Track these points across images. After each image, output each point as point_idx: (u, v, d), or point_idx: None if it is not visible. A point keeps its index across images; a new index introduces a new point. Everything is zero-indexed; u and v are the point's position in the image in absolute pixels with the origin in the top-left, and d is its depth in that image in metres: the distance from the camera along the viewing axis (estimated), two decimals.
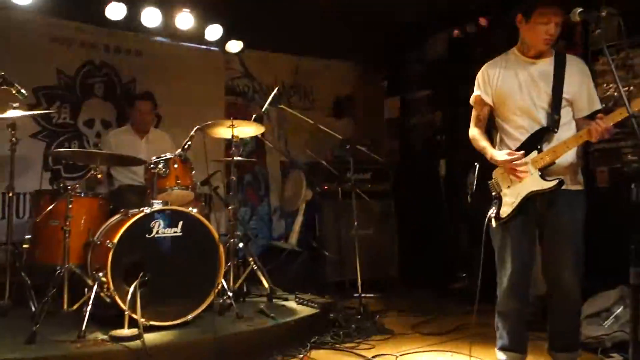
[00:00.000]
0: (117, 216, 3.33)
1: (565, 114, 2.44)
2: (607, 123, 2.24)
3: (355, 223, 3.99)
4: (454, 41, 5.15)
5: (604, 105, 2.44)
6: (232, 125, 3.64)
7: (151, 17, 4.69)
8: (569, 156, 2.41)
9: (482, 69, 2.65)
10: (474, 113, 2.69)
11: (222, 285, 3.30)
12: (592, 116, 2.40)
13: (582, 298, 2.58)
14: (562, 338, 2.53)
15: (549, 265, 2.48)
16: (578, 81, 2.44)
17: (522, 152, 2.42)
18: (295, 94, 5.91)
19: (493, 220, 2.49)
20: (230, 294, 3.35)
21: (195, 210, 3.28)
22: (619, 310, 3.12)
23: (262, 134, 4.25)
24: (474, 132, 2.66)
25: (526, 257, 2.49)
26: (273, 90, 4.10)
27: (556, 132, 2.40)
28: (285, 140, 5.75)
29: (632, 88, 3.72)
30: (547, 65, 2.47)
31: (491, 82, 2.58)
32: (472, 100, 2.69)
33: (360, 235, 4.05)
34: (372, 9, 5.04)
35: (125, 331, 2.72)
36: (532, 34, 2.45)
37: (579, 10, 2.23)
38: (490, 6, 4.67)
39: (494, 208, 2.49)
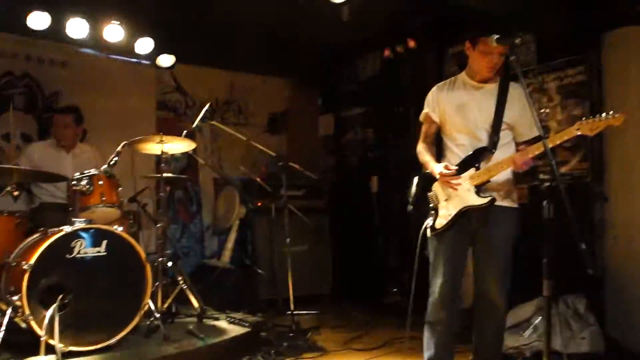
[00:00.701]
0: (35, 235, 3.14)
1: (505, 136, 2.59)
2: (526, 155, 2.42)
3: (288, 240, 3.99)
4: (385, 61, 5.30)
5: (545, 133, 2.60)
6: (162, 140, 3.56)
7: (77, 28, 4.51)
8: (503, 175, 2.55)
9: (432, 89, 2.79)
10: (422, 129, 2.81)
11: (149, 307, 3.19)
12: (531, 141, 2.56)
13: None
14: (486, 350, 2.65)
15: (478, 278, 2.60)
16: (519, 107, 2.58)
17: (456, 167, 2.56)
18: (230, 109, 5.86)
19: (429, 231, 2.60)
20: (158, 315, 3.24)
21: (120, 228, 3.16)
22: (537, 321, 3.28)
23: (194, 150, 4.18)
24: (420, 147, 2.79)
25: (457, 268, 2.60)
26: (205, 106, 4.05)
27: (494, 152, 2.54)
28: (218, 156, 5.68)
29: (547, 110, 3.98)
30: (491, 90, 2.62)
31: (439, 102, 2.72)
32: (421, 117, 2.82)
33: (294, 252, 4.04)
34: (304, 30, 5.12)
35: (42, 358, 2.57)
36: (477, 62, 2.61)
37: (496, 37, 2.36)
38: (419, 29, 4.86)
39: (430, 219, 2.60)
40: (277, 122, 6.16)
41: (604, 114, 2.23)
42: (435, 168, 2.62)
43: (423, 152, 2.76)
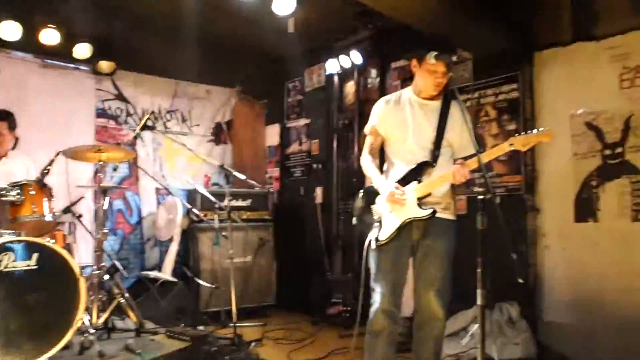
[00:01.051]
0: None
1: (445, 152, 2.70)
2: (464, 169, 2.52)
3: (231, 251, 3.94)
4: (330, 73, 5.35)
5: (481, 147, 2.70)
6: (100, 149, 3.44)
7: (10, 30, 4.32)
8: (443, 188, 2.66)
9: (379, 102, 2.85)
10: (368, 141, 2.86)
11: (83, 322, 3.06)
12: (468, 157, 2.64)
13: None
14: (425, 358, 2.70)
15: (417, 287, 2.68)
16: (459, 126, 2.69)
17: (403, 188, 2.64)
18: (173, 118, 5.74)
19: (373, 243, 2.66)
20: (92, 331, 3.11)
21: (53, 241, 3.03)
22: (474, 329, 3.38)
23: (135, 159, 4.07)
24: (366, 160, 2.82)
25: (399, 278, 2.67)
26: (147, 115, 3.96)
27: (434, 166, 2.64)
28: (160, 165, 5.55)
29: (485, 125, 4.14)
30: (435, 107, 2.72)
31: (385, 115, 2.79)
32: (367, 129, 2.86)
33: (237, 263, 4.01)
34: (250, 40, 5.12)
35: None
36: (423, 79, 2.69)
37: (434, 54, 2.45)
38: (363, 43, 4.95)
39: (375, 231, 2.66)
40: (222, 132, 6.09)
41: (535, 130, 2.35)
42: (385, 187, 2.67)
43: (369, 166, 2.80)
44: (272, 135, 6.19)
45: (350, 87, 5.27)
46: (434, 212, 2.59)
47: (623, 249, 3.46)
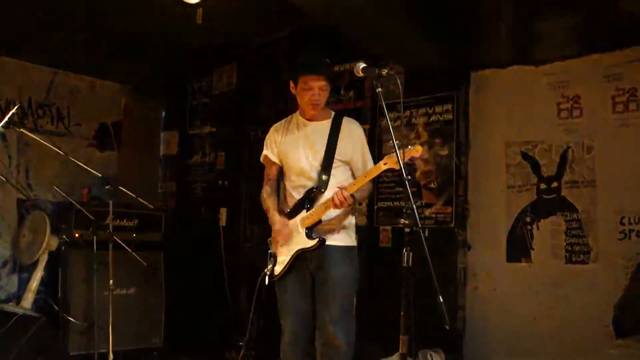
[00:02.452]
0: None
1: (339, 174, 2.90)
2: (343, 193, 2.71)
3: (111, 281, 3.82)
4: (243, 75, 5.38)
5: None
6: None
7: None
8: (335, 215, 2.86)
9: (270, 130, 3.12)
10: (265, 172, 3.12)
11: None
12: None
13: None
14: None
15: (317, 318, 2.90)
16: (352, 143, 2.95)
17: (289, 221, 2.91)
18: (46, 115, 5.48)
19: (267, 278, 2.91)
20: None
21: None
22: None
23: None
24: (263, 191, 3.07)
25: (304, 309, 2.93)
26: (12, 108, 3.77)
27: (323, 192, 2.85)
28: (26, 172, 5.28)
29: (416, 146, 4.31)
30: (323, 126, 2.95)
31: (276, 142, 3.04)
32: (262, 159, 3.13)
33: (118, 295, 3.90)
34: (150, 28, 5.03)
35: None
36: (300, 99, 2.94)
37: (362, 66, 2.54)
38: (284, 42, 5.03)
39: (270, 265, 2.93)
40: (108, 135, 5.90)
41: (408, 147, 2.54)
42: (274, 223, 2.93)
43: (265, 198, 3.03)
44: (169, 143, 6.09)
45: (266, 92, 5.31)
46: (322, 240, 2.81)
47: (555, 291, 3.72)
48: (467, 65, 4.22)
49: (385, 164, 2.64)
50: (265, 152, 3.08)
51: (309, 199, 2.88)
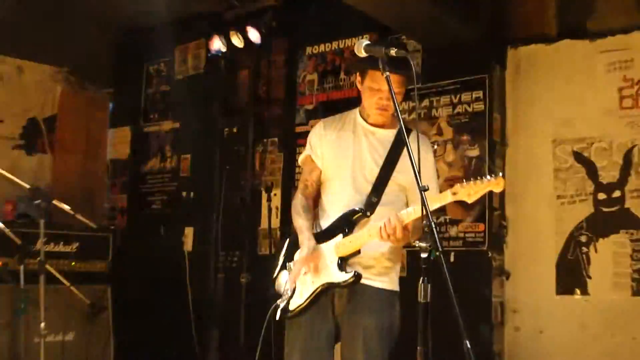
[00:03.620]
0: None
1: (392, 199, 2.85)
2: (396, 224, 2.59)
3: (43, 324, 3.82)
4: (213, 56, 5.37)
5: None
6: None
7: None
8: (377, 248, 2.77)
9: (318, 124, 3.08)
10: (302, 176, 3.10)
11: None
12: None
13: None
14: None
15: None
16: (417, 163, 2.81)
17: (320, 246, 2.82)
18: None
19: (279, 312, 2.84)
20: None
21: None
22: None
23: None
24: (296, 202, 3.02)
25: (318, 358, 2.85)
26: None
27: (369, 216, 2.78)
28: None
29: (436, 147, 4.31)
30: (385, 138, 2.90)
31: (324, 142, 2.99)
32: (300, 160, 3.11)
33: (52, 342, 3.90)
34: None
35: None
36: (366, 99, 2.88)
37: (365, 43, 2.54)
38: (266, 15, 5.03)
39: (284, 297, 2.86)
40: (38, 134, 5.91)
41: (486, 177, 2.49)
42: (304, 243, 2.83)
43: (298, 212, 2.96)
44: (118, 143, 6.08)
45: (244, 77, 5.30)
46: (358, 276, 2.71)
47: (618, 333, 3.70)
48: (502, 40, 4.22)
49: (454, 193, 2.50)
50: (307, 152, 3.03)
51: (349, 221, 2.81)
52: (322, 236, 2.85)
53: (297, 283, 2.85)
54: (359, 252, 2.75)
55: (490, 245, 4.10)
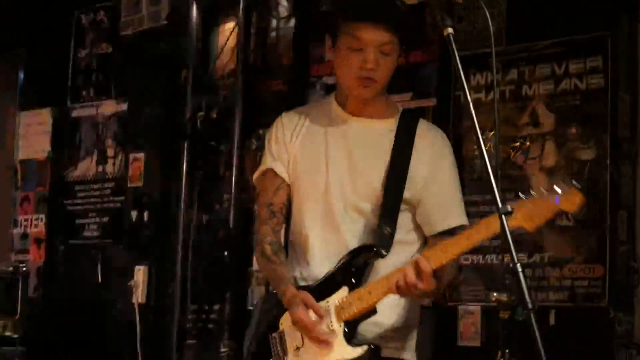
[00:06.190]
0: None
1: (405, 222, 2.89)
2: (419, 273, 2.54)
3: None
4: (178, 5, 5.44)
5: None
6: None
7: None
8: (394, 303, 2.85)
9: (276, 122, 3.14)
10: (261, 200, 3.13)
11: None
12: (453, 233, 2.79)
13: None
14: None
15: None
16: (428, 171, 2.89)
17: (320, 305, 2.78)
18: None
19: None
20: None
21: None
22: None
23: None
24: (262, 240, 3.03)
25: None
26: None
27: (384, 256, 2.80)
28: None
29: (528, 144, 4.32)
30: (380, 130, 2.96)
31: (288, 145, 3.05)
32: (256, 179, 3.16)
33: None
34: None
35: None
36: (341, 71, 2.93)
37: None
38: None
39: None
40: None
41: (556, 190, 2.45)
42: (293, 306, 2.80)
43: (267, 257, 2.99)
44: (32, 135, 6.18)
45: (226, 32, 5.36)
46: (375, 349, 2.76)
47: None
48: None
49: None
50: (266, 164, 3.08)
51: (356, 266, 2.85)
52: (314, 292, 2.84)
53: (287, 358, 2.89)
54: (374, 311, 2.75)
55: (612, 299, 4.09)
